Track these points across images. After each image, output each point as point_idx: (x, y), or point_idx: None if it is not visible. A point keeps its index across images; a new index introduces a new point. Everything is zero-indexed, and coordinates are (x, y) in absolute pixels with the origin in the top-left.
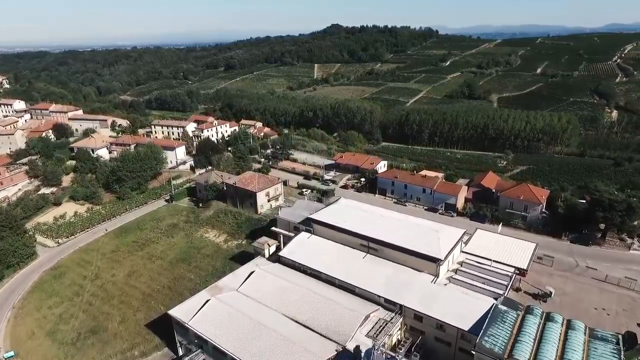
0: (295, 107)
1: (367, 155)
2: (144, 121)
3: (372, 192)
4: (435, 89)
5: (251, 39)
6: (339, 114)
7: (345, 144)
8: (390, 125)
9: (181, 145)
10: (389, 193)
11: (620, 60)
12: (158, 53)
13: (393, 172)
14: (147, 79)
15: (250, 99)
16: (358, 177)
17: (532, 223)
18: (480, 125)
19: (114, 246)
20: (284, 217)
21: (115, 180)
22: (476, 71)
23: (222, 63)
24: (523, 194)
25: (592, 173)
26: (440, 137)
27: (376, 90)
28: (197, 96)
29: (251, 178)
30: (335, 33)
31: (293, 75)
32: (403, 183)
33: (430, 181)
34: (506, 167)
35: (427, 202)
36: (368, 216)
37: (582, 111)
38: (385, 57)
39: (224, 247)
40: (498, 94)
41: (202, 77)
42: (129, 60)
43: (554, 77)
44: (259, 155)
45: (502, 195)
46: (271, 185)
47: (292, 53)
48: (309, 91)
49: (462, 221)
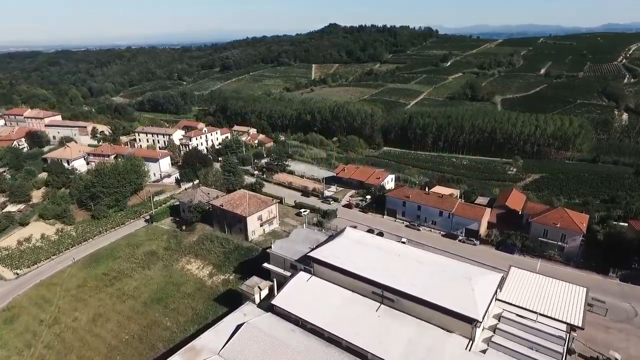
0: (292, 109)
1: (371, 169)
2: (128, 127)
3: (379, 213)
4: (437, 90)
5: (247, 39)
6: (339, 117)
7: (346, 150)
8: (392, 129)
9: (166, 156)
10: (399, 214)
11: (625, 61)
12: (152, 53)
13: (404, 191)
14: (141, 80)
15: (246, 101)
16: (363, 194)
17: (571, 255)
18: (487, 129)
19: (81, 279)
20: (279, 252)
21: (89, 197)
22: (478, 72)
23: (218, 63)
24: (560, 221)
25: (612, 183)
26: (445, 141)
27: (376, 91)
28: (191, 98)
29: (241, 199)
30: (333, 33)
31: (290, 75)
32: (416, 204)
33: (448, 202)
34: (517, 176)
35: (445, 227)
36: (381, 255)
37: (591, 114)
38: (385, 57)
39: (208, 284)
40: (501, 96)
41: (197, 78)
42: (122, 60)
43: (559, 77)
44: (253, 166)
45: (535, 222)
46: (264, 207)
47: (289, 53)
48: (307, 92)
49: (487, 251)
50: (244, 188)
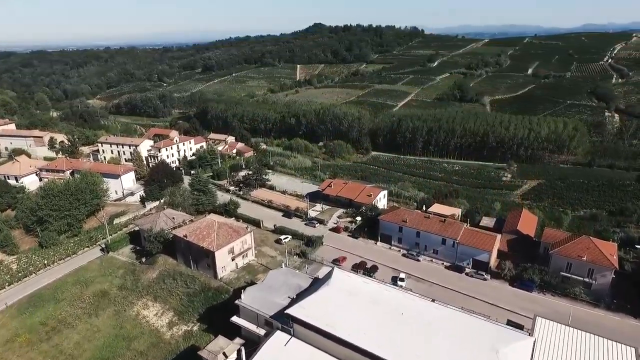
0: (276, 112)
1: (361, 184)
2: (92, 137)
3: (372, 238)
4: (425, 91)
5: (230, 39)
6: (324, 121)
7: (332, 156)
8: (381, 132)
9: (129, 172)
10: (394, 241)
11: (612, 61)
12: (132, 53)
13: (400, 214)
14: (119, 81)
15: (227, 104)
16: (352, 214)
17: (601, 294)
18: (479, 132)
19: (12, 332)
20: (250, 305)
21: (36, 221)
22: (466, 72)
23: (200, 64)
24: (587, 253)
25: (614, 190)
26: (436, 146)
27: (362, 92)
28: (170, 100)
29: (208, 228)
30: (318, 32)
31: (274, 76)
32: (414, 230)
33: (452, 229)
34: (513, 182)
35: (448, 257)
36: (378, 312)
37: (581, 115)
38: (371, 58)
39: (166, 337)
40: (490, 96)
41: (178, 79)
42: (99, 61)
43: (547, 77)
44: (229, 181)
45: (556, 254)
46: (236, 238)
47: (273, 53)
48: (292, 93)
49: (500, 288)
50: (217, 208)
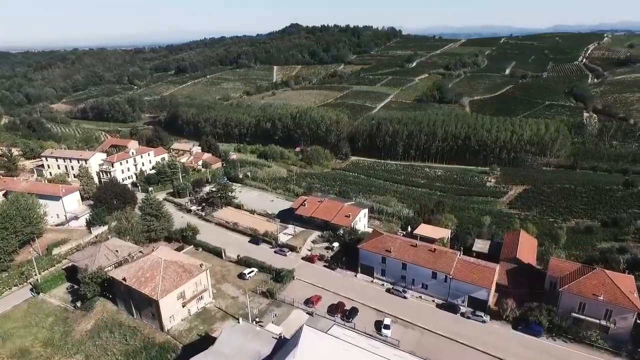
0: (251, 116)
1: (339, 202)
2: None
3: (351, 268)
4: (404, 92)
5: (205, 40)
6: (301, 125)
7: (309, 163)
8: (360, 136)
9: (72, 192)
10: (377, 273)
11: (586, 61)
12: (101, 55)
13: (383, 242)
14: (87, 84)
15: (199, 108)
16: (328, 238)
17: (621, 339)
18: (461, 135)
19: None
20: None
21: None
22: (444, 72)
23: (173, 66)
24: (603, 291)
25: (602, 197)
26: (417, 150)
27: (340, 94)
28: (140, 104)
29: (153, 269)
30: (295, 33)
31: (250, 78)
32: (400, 261)
33: (444, 261)
34: (498, 189)
35: (440, 294)
36: None
37: (561, 115)
38: (349, 58)
39: None
40: (469, 97)
41: (149, 82)
42: (65, 63)
43: (524, 77)
44: (192, 199)
45: (567, 291)
46: (188, 279)
47: (249, 54)
48: (268, 96)
49: (502, 332)
50: (173, 234)
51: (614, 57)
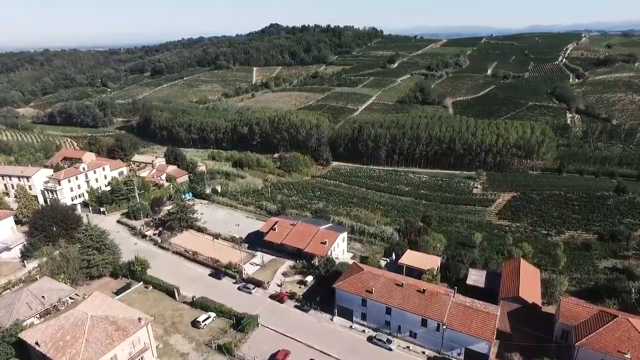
0: (227, 120)
1: (314, 226)
2: None
3: (327, 310)
4: (386, 93)
5: (183, 40)
6: (280, 130)
7: (288, 171)
8: (342, 141)
9: (5, 217)
10: (357, 316)
11: (566, 61)
12: (73, 56)
13: (363, 280)
14: (57, 87)
15: (173, 113)
16: (301, 270)
17: None
18: (446, 139)
19: None
20: None
21: None
22: (426, 73)
23: (149, 67)
24: (630, 346)
25: (594, 205)
26: (400, 154)
27: (322, 96)
28: (112, 108)
29: (75, 329)
30: (275, 33)
31: (229, 80)
32: (384, 305)
33: (436, 305)
34: (485, 196)
35: (432, 344)
36: None
37: (545, 116)
38: (330, 59)
39: None
40: (452, 98)
41: (124, 84)
42: (34, 64)
43: (506, 78)
44: (147, 222)
45: (585, 347)
46: (122, 340)
47: (228, 55)
48: (248, 98)
49: None
50: (119, 270)
51: (594, 57)
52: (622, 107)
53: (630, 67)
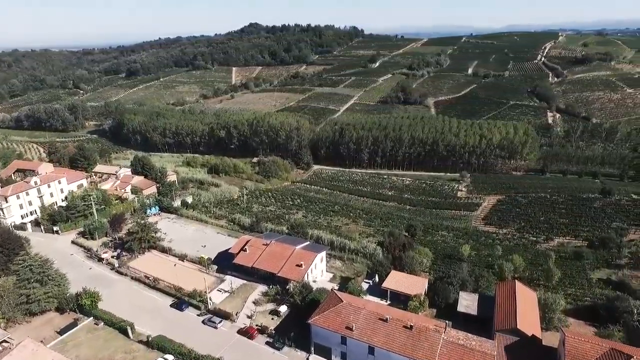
0: (204, 124)
1: (289, 246)
2: None
3: (302, 347)
4: (368, 93)
5: (159, 40)
6: (259, 133)
7: (267, 176)
8: (323, 144)
9: None
10: (336, 356)
11: (545, 59)
12: (43, 57)
13: (342, 314)
14: (26, 89)
15: (147, 116)
16: (275, 297)
17: None
18: (429, 140)
19: None
20: None
21: None
22: (408, 72)
23: (124, 68)
24: None
25: (581, 208)
26: (383, 157)
27: (303, 97)
28: (84, 111)
29: None
30: (254, 33)
31: (207, 80)
32: (366, 344)
33: (425, 344)
34: (470, 200)
35: None
36: None
37: (526, 116)
38: (311, 59)
39: None
40: (434, 98)
41: (97, 86)
42: (1, 66)
43: (486, 77)
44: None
45: None
46: None
47: (206, 55)
48: (227, 99)
49: None
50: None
51: (571, 55)
52: (600, 106)
53: (607, 65)
